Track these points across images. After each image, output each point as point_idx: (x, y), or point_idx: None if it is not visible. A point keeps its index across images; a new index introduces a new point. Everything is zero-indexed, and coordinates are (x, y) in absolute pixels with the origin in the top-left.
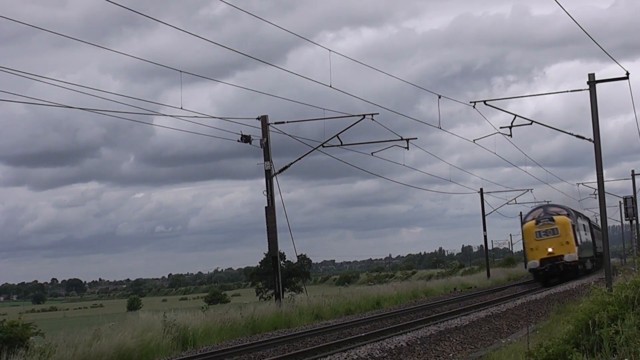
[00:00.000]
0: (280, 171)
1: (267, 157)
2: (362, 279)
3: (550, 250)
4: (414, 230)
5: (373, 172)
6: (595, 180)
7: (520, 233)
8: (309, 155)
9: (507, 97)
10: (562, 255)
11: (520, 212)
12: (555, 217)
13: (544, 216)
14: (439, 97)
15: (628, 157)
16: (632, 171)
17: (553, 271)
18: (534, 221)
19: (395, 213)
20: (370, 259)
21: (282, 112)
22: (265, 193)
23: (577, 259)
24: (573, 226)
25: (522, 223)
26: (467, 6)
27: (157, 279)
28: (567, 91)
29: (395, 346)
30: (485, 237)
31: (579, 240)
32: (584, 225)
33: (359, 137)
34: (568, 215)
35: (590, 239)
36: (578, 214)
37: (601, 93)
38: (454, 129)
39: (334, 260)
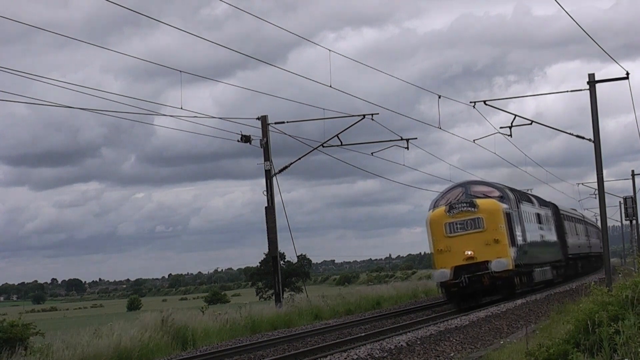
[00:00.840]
0: (280, 171)
1: (267, 157)
2: (362, 279)
3: (469, 253)
4: (414, 230)
5: (373, 172)
6: (595, 180)
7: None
8: (309, 155)
9: (507, 97)
10: (488, 262)
11: None
12: (478, 202)
13: (462, 199)
14: (439, 97)
15: (628, 157)
16: (632, 171)
17: (474, 286)
18: (445, 207)
19: (395, 213)
20: (370, 259)
21: (283, 112)
22: (265, 193)
23: (511, 267)
24: (508, 215)
25: (430, 210)
26: (468, 6)
27: (157, 279)
28: (567, 91)
29: (395, 346)
30: None
31: (518, 238)
32: (538, 215)
33: (359, 137)
34: (501, 198)
35: (552, 236)
36: (524, 197)
37: (602, 93)
38: (454, 129)
39: (334, 260)
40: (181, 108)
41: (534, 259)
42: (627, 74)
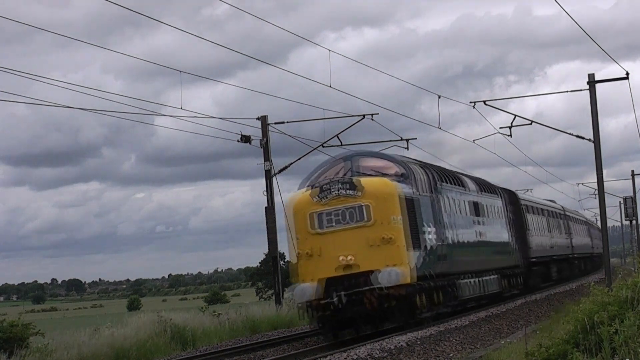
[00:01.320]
0: (280, 171)
1: (267, 157)
2: None
3: (345, 259)
4: None
5: None
6: (595, 180)
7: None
8: (310, 155)
9: (507, 97)
10: (375, 272)
11: None
12: (363, 182)
13: (342, 178)
14: (439, 97)
15: (628, 157)
16: (632, 171)
17: (354, 309)
18: (314, 190)
19: None
20: None
21: (284, 113)
22: (265, 193)
23: (409, 279)
24: (411, 202)
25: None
26: (469, 6)
27: (157, 279)
28: (567, 91)
29: (395, 346)
30: None
31: (429, 236)
32: (475, 204)
33: (359, 138)
34: (402, 177)
35: (502, 233)
36: (450, 178)
37: (602, 93)
38: (455, 129)
39: None
40: (181, 108)
41: (463, 266)
42: (627, 74)
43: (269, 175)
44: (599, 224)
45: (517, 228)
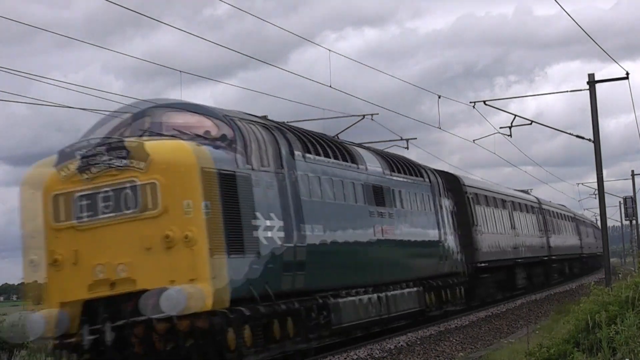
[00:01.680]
0: None
1: None
2: None
3: (108, 270)
4: None
5: None
6: (595, 180)
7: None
8: None
9: (507, 97)
10: (144, 293)
11: None
12: (148, 146)
13: (111, 140)
14: (439, 97)
15: (628, 157)
16: (632, 171)
17: (125, 351)
18: (67, 162)
19: None
20: None
21: (284, 112)
22: None
23: (214, 305)
24: (231, 179)
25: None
26: (469, 6)
27: None
28: (567, 91)
29: (395, 346)
30: None
31: (267, 234)
32: (374, 188)
33: (359, 138)
34: (220, 139)
35: (430, 229)
36: (319, 144)
37: (602, 93)
38: (455, 129)
39: None
40: None
41: (343, 277)
42: (627, 74)
43: None
44: (599, 223)
45: (459, 224)
